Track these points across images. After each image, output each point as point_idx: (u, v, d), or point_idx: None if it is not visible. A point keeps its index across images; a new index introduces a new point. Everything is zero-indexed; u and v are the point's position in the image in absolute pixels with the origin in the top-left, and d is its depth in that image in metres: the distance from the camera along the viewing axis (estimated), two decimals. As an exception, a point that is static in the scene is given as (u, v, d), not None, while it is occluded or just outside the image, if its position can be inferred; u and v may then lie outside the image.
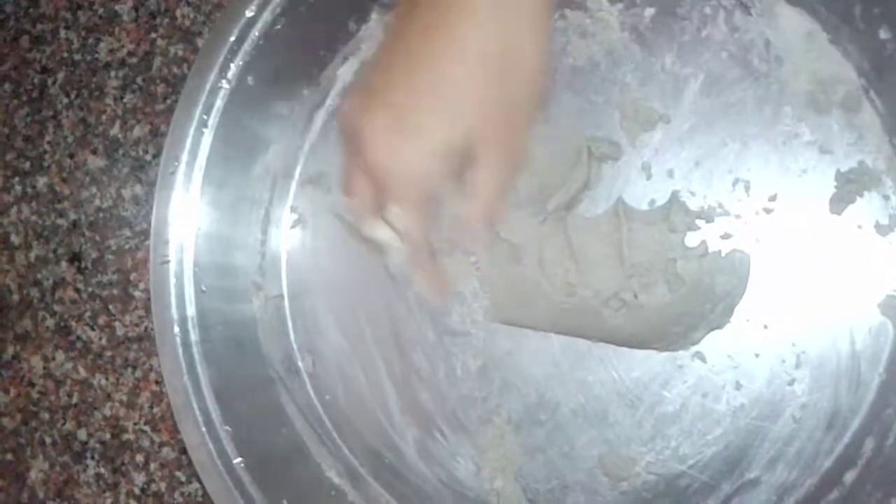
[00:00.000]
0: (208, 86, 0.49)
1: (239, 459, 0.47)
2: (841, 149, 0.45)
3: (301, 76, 0.52)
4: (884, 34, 0.43)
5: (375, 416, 0.50)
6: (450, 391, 0.49)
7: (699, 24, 0.47)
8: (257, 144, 0.52)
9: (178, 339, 0.48)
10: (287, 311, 0.52)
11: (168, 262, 0.49)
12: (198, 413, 0.47)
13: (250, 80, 0.49)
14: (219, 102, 0.49)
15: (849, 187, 0.44)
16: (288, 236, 0.53)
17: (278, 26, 0.49)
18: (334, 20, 0.51)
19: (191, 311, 0.48)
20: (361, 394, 0.50)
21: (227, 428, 0.47)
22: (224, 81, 0.49)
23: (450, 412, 0.49)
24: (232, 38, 0.49)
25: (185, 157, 0.49)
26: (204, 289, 0.49)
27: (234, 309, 0.51)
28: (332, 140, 0.53)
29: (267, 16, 0.49)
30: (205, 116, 0.49)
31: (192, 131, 0.49)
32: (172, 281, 0.48)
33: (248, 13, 0.49)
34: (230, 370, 0.49)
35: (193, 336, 0.48)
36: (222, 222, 0.50)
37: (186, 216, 0.49)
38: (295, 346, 0.52)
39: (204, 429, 0.47)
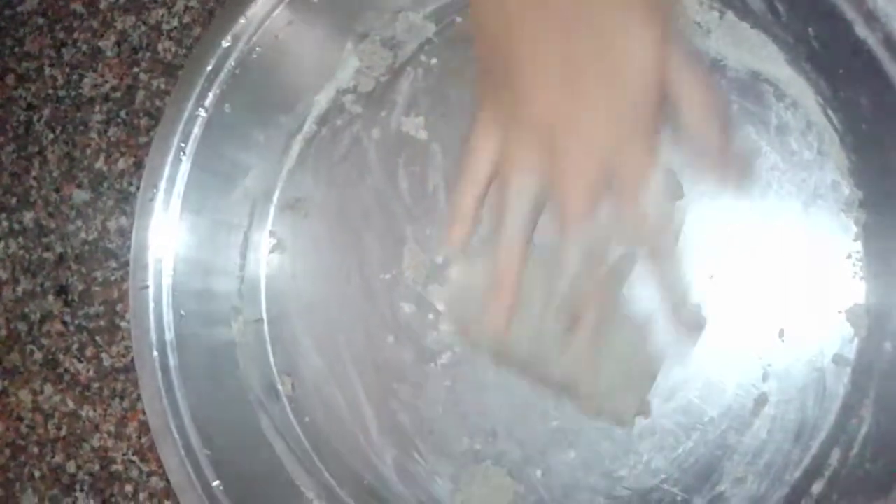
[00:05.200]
0: (186, 114, 0.50)
1: (217, 482, 0.47)
2: (801, 165, 0.45)
3: (278, 103, 0.53)
4: (839, 52, 0.43)
5: (354, 438, 0.50)
6: (427, 412, 0.49)
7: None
8: (235, 170, 0.53)
9: (156, 364, 0.48)
10: (266, 335, 0.53)
11: (147, 287, 0.49)
12: (176, 436, 0.47)
13: (227, 107, 0.50)
14: (196, 130, 0.50)
15: (810, 202, 0.45)
16: (267, 260, 0.54)
17: (254, 55, 0.50)
18: (309, 49, 0.52)
19: (169, 335, 0.49)
20: (340, 416, 0.51)
21: (207, 451, 0.47)
22: (202, 109, 0.50)
23: (427, 433, 0.49)
24: (209, 68, 0.50)
25: (163, 184, 0.50)
26: (183, 313, 0.50)
27: (213, 333, 0.51)
28: (310, 166, 0.54)
29: (242, 45, 0.50)
30: (182, 144, 0.50)
31: (170, 159, 0.50)
32: (151, 306, 0.49)
33: (225, 43, 0.50)
34: (209, 394, 0.49)
35: (172, 360, 0.49)
36: (201, 247, 0.51)
37: (165, 242, 0.50)
38: (274, 370, 0.52)
39: (183, 452, 0.47)
